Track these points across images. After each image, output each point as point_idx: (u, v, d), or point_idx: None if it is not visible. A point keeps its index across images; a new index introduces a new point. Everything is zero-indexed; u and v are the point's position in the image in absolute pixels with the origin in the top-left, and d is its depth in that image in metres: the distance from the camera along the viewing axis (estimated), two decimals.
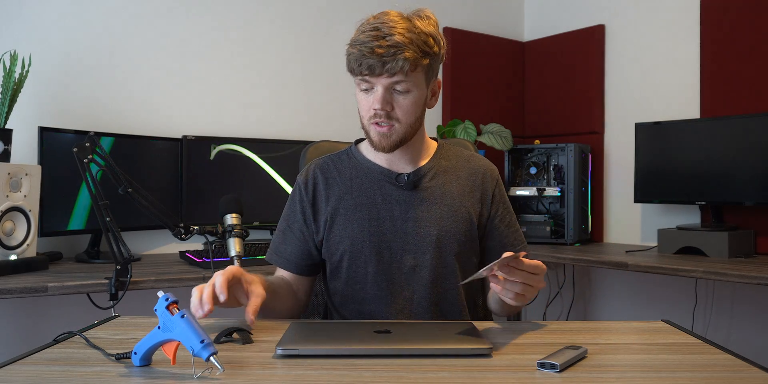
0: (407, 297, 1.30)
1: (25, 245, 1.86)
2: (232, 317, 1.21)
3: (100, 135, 2.03)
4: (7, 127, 1.91)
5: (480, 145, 2.88)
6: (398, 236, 1.30)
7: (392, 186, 1.33)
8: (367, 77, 1.23)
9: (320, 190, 1.36)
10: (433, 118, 3.07)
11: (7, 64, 1.91)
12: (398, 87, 1.24)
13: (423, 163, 1.36)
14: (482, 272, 1.04)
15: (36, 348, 0.98)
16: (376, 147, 1.29)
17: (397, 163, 1.35)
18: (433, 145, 1.41)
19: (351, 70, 1.26)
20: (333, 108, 2.82)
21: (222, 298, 1.04)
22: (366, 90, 1.26)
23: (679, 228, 2.49)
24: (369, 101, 1.25)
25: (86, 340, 1.01)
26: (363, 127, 1.31)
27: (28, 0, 2.20)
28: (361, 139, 1.43)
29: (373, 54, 1.19)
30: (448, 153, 1.41)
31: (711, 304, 2.63)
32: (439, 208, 1.32)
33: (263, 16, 2.68)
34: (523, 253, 1.06)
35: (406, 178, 1.33)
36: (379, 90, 1.23)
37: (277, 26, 2.71)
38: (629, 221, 2.91)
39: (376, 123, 1.26)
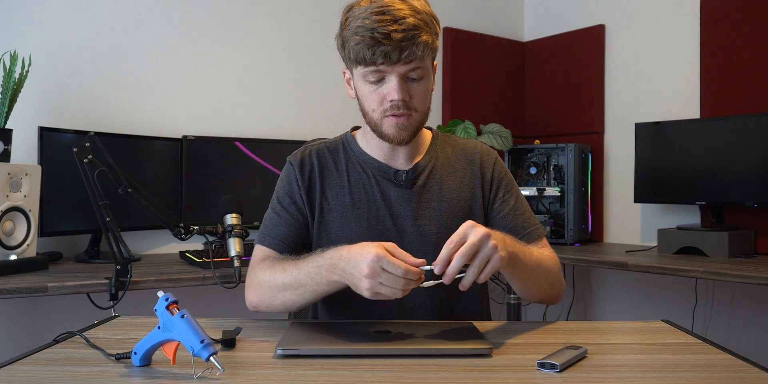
0: (409, 298, 1.26)
1: (25, 245, 1.86)
2: (230, 317, 1.21)
3: (100, 135, 2.03)
4: (7, 127, 1.91)
5: None
6: (397, 235, 1.26)
7: (390, 183, 1.29)
8: (381, 66, 1.14)
9: (315, 177, 1.30)
10: (433, 118, 3.07)
11: (7, 64, 1.90)
12: (413, 74, 1.16)
13: (420, 157, 1.31)
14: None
15: (36, 348, 0.98)
16: (393, 140, 1.21)
17: (396, 157, 1.30)
18: (428, 135, 1.36)
19: (360, 61, 1.15)
20: (333, 107, 2.82)
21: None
22: (376, 81, 1.18)
23: (679, 228, 2.49)
24: (380, 93, 1.18)
25: (86, 340, 1.01)
26: (372, 122, 1.23)
27: (28, 0, 2.20)
28: (357, 128, 1.37)
29: (390, 40, 1.10)
30: (444, 144, 1.36)
31: (711, 304, 2.63)
32: (438, 205, 1.29)
33: (262, 16, 2.67)
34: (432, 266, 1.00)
35: (404, 175, 1.28)
36: (394, 79, 1.15)
37: (278, 26, 2.71)
38: (629, 221, 2.90)
39: (393, 115, 1.19)
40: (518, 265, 1.12)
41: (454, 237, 0.99)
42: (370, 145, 1.31)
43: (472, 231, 0.99)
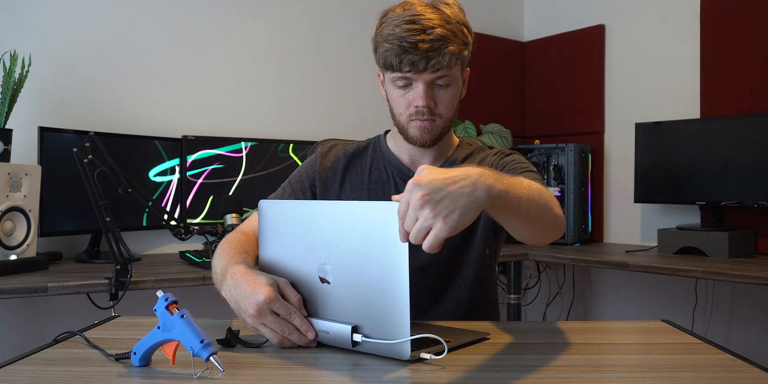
0: (412, 296, 1.28)
1: (25, 245, 1.86)
2: (230, 317, 1.21)
3: (100, 135, 2.03)
4: (7, 127, 1.91)
5: None
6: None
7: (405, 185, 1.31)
8: (407, 74, 1.18)
9: (338, 169, 1.34)
10: None
11: (7, 64, 1.90)
12: (440, 82, 1.20)
13: (441, 163, 1.33)
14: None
15: (36, 348, 0.98)
16: (417, 142, 1.25)
17: (420, 161, 1.32)
18: (456, 142, 1.38)
19: (388, 67, 1.19)
20: (334, 107, 2.83)
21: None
22: (403, 86, 1.21)
23: (679, 228, 2.49)
24: (408, 98, 1.22)
25: (86, 340, 1.01)
26: (399, 125, 1.27)
27: (28, 0, 2.20)
28: (389, 130, 1.39)
29: (417, 49, 1.14)
30: (464, 151, 1.36)
31: (711, 304, 2.63)
32: None
33: (263, 16, 2.67)
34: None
35: None
36: (420, 86, 1.19)
37: (278, 26, 2.71)
38: (629, 221, 2.90)
39: (417, 119, 1.23)
40: (509, 202, 0.91)
41: (400, 205, 0.84)
42: (398, 145, 1.34)
43: (410, 198, 0.82)
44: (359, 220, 0.93)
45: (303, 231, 1.00)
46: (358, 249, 0.92)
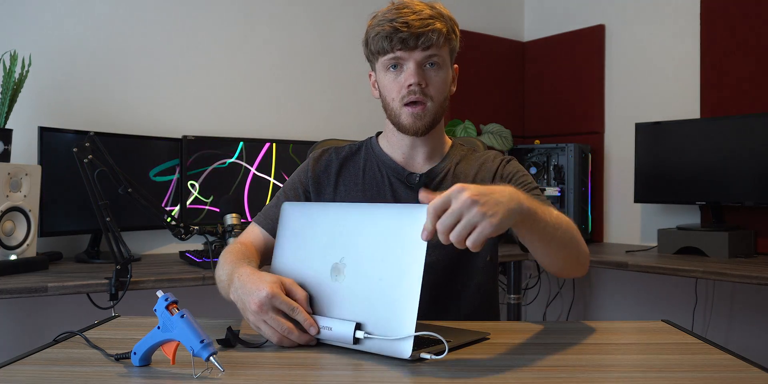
0: (429, 293, 1.28)
1: (25, 245, 1.86)
2: (230, 317, 1.21)
3: (100, 135, 2.03)
4: (7, 127, 1.91)
5: None
6: None
7: (402, 184, 1.31)
8: (399, 53, 1.21)
9: (332, 172, 1.34)
10: None
11: (7, 64, 1.90)
12: (430, 61, 1.23)
13: (437, 162, 1.33)
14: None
15: (36, 348, 0.98)
16: (409, 130, 1.26)
17: (414, 158, 1.33)
18: (448, 142, 1.39)
19: (379, 51, 1.23)
20: (334, 107, 2.82)
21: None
22: (395, 70, 1.24)
23: (679, 228, 2.49)
24: (399, 81, 1.24)
25: (86, 340, 1.01)
26: (391, 113, 1.27)
27: (28, 0, 2.20)
28: (381, 133, 1.40)
29: (408, 27, 1.19)
30: (460, 152, 1.37)
31: (711, 304, 2.63)
32: None
33: (263, 16, 2.68)
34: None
35: (417, 178, 1.30)
36: (411, 65, 1.22)
37: (277, 26, 2.71)
38: (629, 221, 2.90)
39: (410, 103, 1.23)
40: (537, 222, 0.97)
41: (437, 201, 0.86)
42: (390, 143, 1.35)
43: (456, 196, 0.86)
44: (382, 222, 0.95)
45: (323, 231, 1.02)
46: (375, 248, 0.94)
